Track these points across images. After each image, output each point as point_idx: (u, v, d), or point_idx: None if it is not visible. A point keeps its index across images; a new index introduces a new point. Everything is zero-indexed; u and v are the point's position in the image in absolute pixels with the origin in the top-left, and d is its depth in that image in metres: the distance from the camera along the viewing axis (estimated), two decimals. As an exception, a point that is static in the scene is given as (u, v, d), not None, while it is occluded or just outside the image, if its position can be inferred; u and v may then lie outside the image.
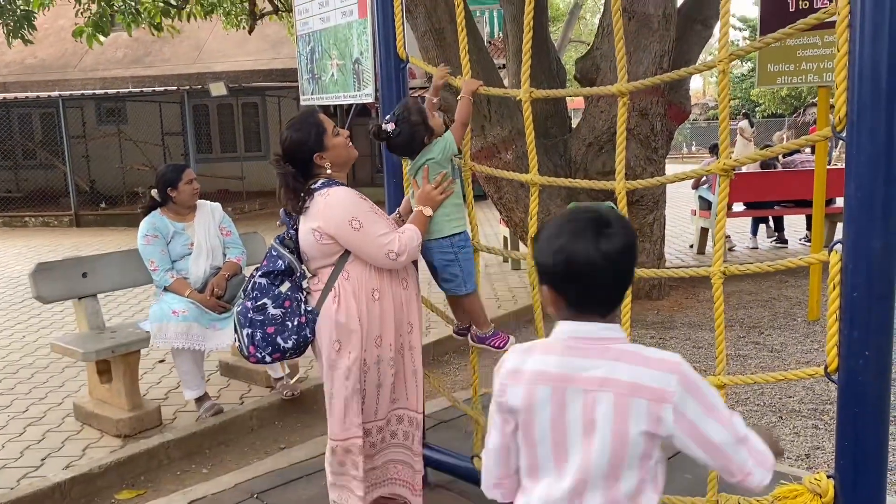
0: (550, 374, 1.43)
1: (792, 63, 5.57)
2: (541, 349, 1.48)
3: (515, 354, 1.51)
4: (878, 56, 1.75)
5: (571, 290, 1.44)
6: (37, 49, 16.31)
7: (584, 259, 1.39)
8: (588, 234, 1.40)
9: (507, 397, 1.47)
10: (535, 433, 1.45)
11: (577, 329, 1.45)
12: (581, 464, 1.41)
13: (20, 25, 8.00)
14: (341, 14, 4.07)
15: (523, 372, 1.46)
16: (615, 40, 2.45)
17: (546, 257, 1.44)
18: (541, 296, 1.54)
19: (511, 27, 7.38)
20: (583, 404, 1.40)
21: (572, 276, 1.41)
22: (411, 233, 2.61)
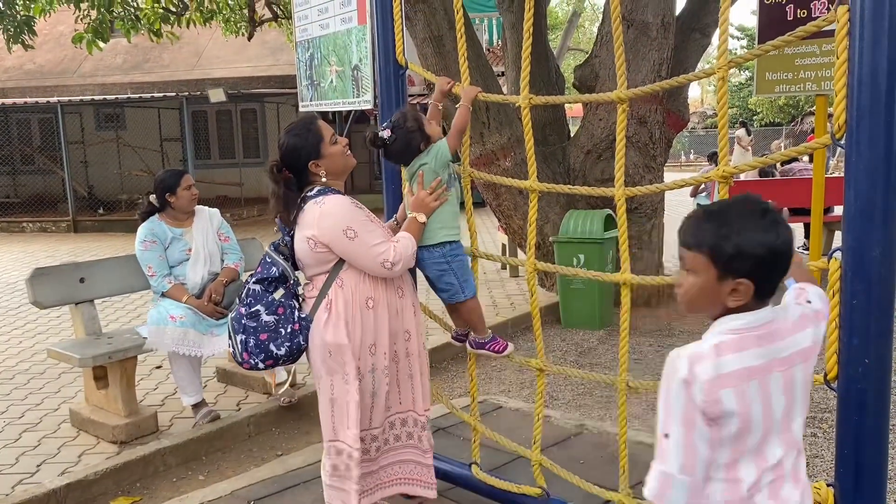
0: (754, 367, 1.46)
1: (790, 72, 5.58)
2: (730, 348, 1.46)
3: (704, 364, 1.44)
4: (878, 63, 1.76)
5: (775, 279, 1.48)
6: (36, 55, 16.31)
7: (789, 248, 1.47)
8: (783, 224, 1.46)
9: (723, 404, 1.43)
10: (751, 427, 1.46)
11: (759, 317, 1.49)
12: (786, 432, 1.51)
13: (20, 31, 8.00)
14: (340, 21, 4.08)
15: (727, 375, 1.44)
16: (615, 48, 2.45)
17: (757, 249, 1.44)
18: (717, 291, 1.49)
19: (510, 35, 7.39)
20: (784, 383, 1.49)
21: (780, 265, 1.47)
22: (405, 241, 2.61)
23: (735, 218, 1.46)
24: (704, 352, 1.46)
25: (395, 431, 2.81)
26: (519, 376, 4.99)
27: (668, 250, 9.00)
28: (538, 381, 2.84)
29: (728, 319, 1.50)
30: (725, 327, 1.49)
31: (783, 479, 1.51)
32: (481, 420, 3.15)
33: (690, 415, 1.44)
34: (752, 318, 1.48)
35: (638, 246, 6.60)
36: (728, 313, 1.50)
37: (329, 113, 11.50)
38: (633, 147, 6.41)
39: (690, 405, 1.43)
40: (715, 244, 1.46)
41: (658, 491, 1.46)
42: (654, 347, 5.47)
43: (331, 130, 2.66)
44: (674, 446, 1.44)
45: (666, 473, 1.45)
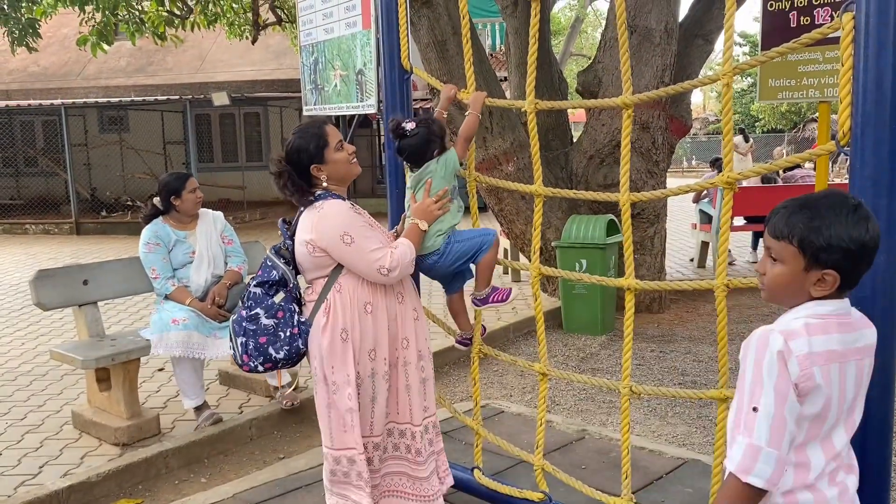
0: (837, 351, 1.52)
1: (793, 78, 5.58)
2: (818, 330, 1.51)
3: (799, 340, 1.48)
4: (883, 71, 1.76)
5: (860, 272, 1.53)
6: (40, 57, 16.36)
7: (877, 243, 1.52)
8: (872, 220, 1.51)
9: (816, 378, 1.48)
10: (830, 407, 1.51)
11: (842, 306, 1.56)
12: (852, 422, 1.58)
13: (25, 33, 8.02)
14: (345, 25, 4.09)
15: (817, 354, 1.49)
16: (620, 53, 2.46)
17: (846, 242, 1.49)
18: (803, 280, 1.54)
19: (513, 40, 7.41)
20: (856, 373, 1.55)
21: (867, 259, 1.51)
22: (404, 248, 2.60)
23: (827, 211, 1.50)
24: (797, 329, 1.50)
25: (392, 440, 2.79)
26: (521, 381, 4.99)
27: (670, 256, 9.01)
28: (541, 386, 2.84)
29: (813, 305, 1.54)
30: (811, 311, 1.54)
31: (841, 467, 1.57)
32: (483, 424, 3.15)
33: (784, 387, 1.46)
34: (838, 306, 1.55)
35: (640, 251, 6.61)
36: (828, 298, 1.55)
37: (333, 117, 11.52)
38: (635, 152, 6.41)
39: (785, 378, 1.46)
40: (805, 235, 1.51)
41: (745, 464, 1.46)
42: (655, 353, 5.47)
43: (338, 136, 2.66)
44: (763, 419, 1.46)
45: (754, 446, 1.45)
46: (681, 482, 3.30)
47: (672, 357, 5.35)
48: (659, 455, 3.57)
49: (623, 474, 2.59)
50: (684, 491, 3.20)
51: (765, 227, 1.61)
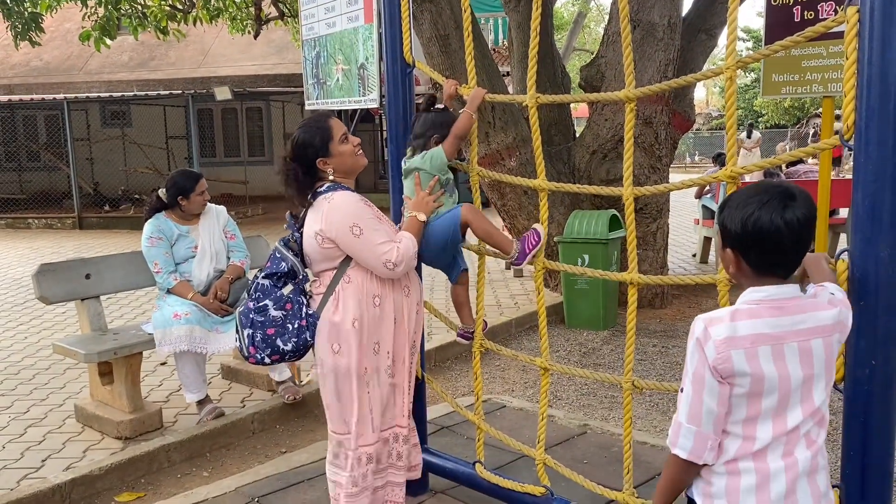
0: (768, 334, 1.59)
1: (797, 73, 5.56)
2: (745, 315, 1.61)
3: (719, 326, 1.60)
4: (887, 65, 1.75)
5: (764, 256, 1.61)
6: (42, 52, 16.36)
7: (769, 226, 1.57)
8: (775, 204, 1.58)
9: (733, 363, 1.58)
10: (763, 388, 1.60)
11: (778, 292, 1.62)
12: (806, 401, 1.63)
13: (28, 27, 8.01)
14: (347, 19, 4.08)
15: (739, 338, 1.58)
16: (623, 48, 2.45)
17: (735, 224, 1.61)
18: (721, 258, 1.72)
19: (516, 34, 7.39)
20: (800, 354, 1.60)
21: (756, 242, 1.60)
22: (407, 241, 2.61)
23: (742, 197, 1.63)
24: (721, 316, 1.62)
25: (397, 447, 2.80)
26: (523, 376, 4.99)
27: (673, 251, 8.99)
28: (542, 381, 2.84)
29: (750, 291, 1.65)
30: (747, 298, 1.64)
31: (797, 441, 1.64)
32: (485, 419, 3.15)
33: (700, 371, 1.61)
34: (773, 292, 1.63)
35: (643, 247, 6.60)
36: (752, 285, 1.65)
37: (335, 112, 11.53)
38: (638, 148, 6.40)
39: (702, 362, 1.60)
40: (720, 217, 1.67)
41: (672, 438, 1.67)
42: (657, 348, 5.46)
43: (343, 129, 2.67)
44: (685, 399, 1.64)
45: (678, 423, 1.65)
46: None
47: (674, 352, 5.34)
48: (661, 450, 3.57)
49: (625, 469, 2.59)
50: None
51: None
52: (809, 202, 1.61)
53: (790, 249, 1.61)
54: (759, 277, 1.65)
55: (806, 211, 1.59)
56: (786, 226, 1.57)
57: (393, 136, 3.14)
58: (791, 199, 1.59)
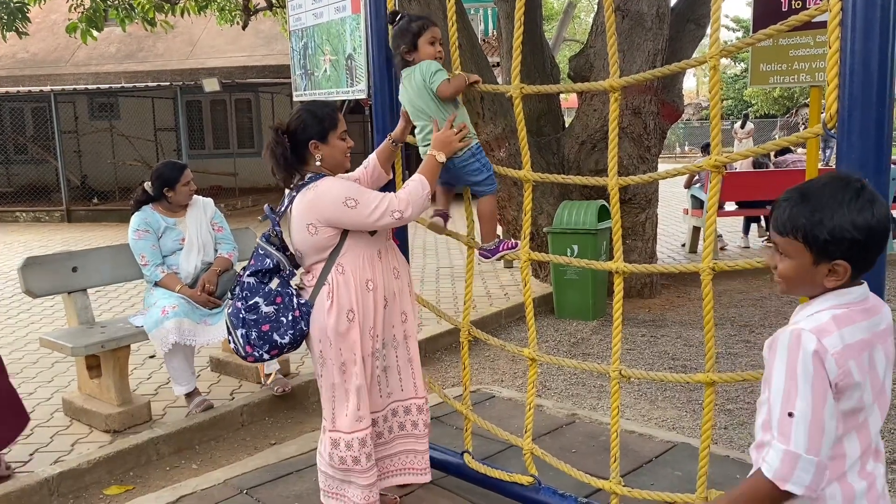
0: (865, 340, 1.48)
1: (784, 63, 5.58)
2: (846, 320, 1.47)
3: (832, 337, 1.43)
4: (869, 53, 1.76)
5: (872, 257, 1.48)
6: (29, 43, 16.23)
7: (885, 225, 1.46)
8: (878, 201, 1.46)
9: (854, 375, 1.44)
10: (865, 399, 1.48)
11: (862, 292, 1.52)
12: (884, 401, 1.53)
13: (13, 18, 7.94)
14: (334, 9, 4.06)
15: (850, 346, 1.44)
16: (608, 36, 2.45)
17: (849, 231, 1.44)
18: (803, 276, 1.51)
19: (505, 25, 7.37)
20: (885, 356, 1.51)
21: (877, 243, 1.47)
22: (415, 184, 2.59)
23: (829, 200, 1.46)
24: (826, 323, 1.45)
25: (398, 419, 2.83)
26: (512, 366, 5.01)
27: (662, 241, 9.02)
28: (530, 371, 2.85)
29: (835, 295, 1.51)
30: (835, 302, 1.50)
31: (870, 454, 1.53)
32: (474, 409, 3.16)
33: (822, 389, 1.41)
34: (860, 293, 1.52)
35: (632, 237, 6.61)
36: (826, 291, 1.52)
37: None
38: (627, 138, 6.41)
39: (822, 378, 1.41)
40: (809, 230, 1.46)
41: (783, 472, 1.41)
42: (646, 338, 5.49)
43: (344, 127, 2.67)
44: (801, 424, 1.41)
45: (792, 454, 1.40)
46: (670, 466, 3.32)
47: (663, 342, 5.37)
48: (648, 439, 3.59)
49: (612, 458, 2.60)
50: (673, 474, 3.22)
51: (770, 219, 1.57)
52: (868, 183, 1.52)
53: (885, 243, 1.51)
54: (850, 283, 1.52)
55: None
56: (884, 219, 1.47)
57: (380, 127, 3.13)
58: (862, 186, 1.48)
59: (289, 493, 3.19)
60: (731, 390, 4.30)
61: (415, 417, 2.85)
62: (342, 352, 2.59)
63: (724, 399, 4.19)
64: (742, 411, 4.05)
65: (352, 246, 2.60)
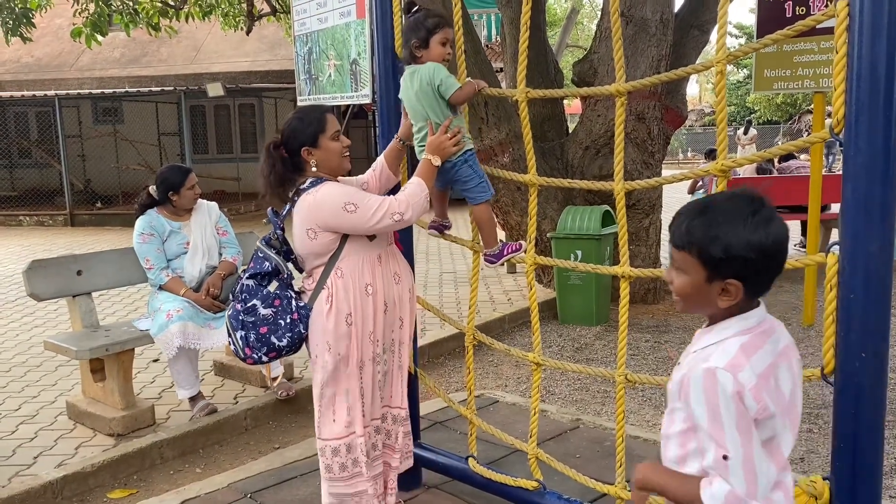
0: (771, 363, 1.45)
1: (788, 69, 5.59)
2: (753, 347, 1.43)
3: (744, 371, 1.39)
4: (877, 58, 1.76)
5: (766, 279, 1.45)
6: (33, 48, 16.27)
7: (780, 246, 1.42)
8: (775, 221, 1.41)
9: (770, 406, 1.41)
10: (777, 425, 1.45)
11: (762, 314, 1.49)
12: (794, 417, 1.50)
13: (19, 23, 7.98)
14: (339, 15, 4.08)
15: (761, 376, 1.41)
16: (613, 42, 2.45)
17: (743, 248, 1.39)
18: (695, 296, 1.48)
19: (509, 30, 7.38)
20: (788, 373, 1.49)
21: (772, 265, 1.43)
22: (414, 187, 2.58)
23: (724, 217, 1.42)
24: (736, 355, 1.41)
25: (386, 426, 2.82)
26: (516, 371, 5.00)
27: (666, 247, 9.01)
28: (534, 376, 2.84)
29: (737, 320, 1.47)
30: (739, 328, 1.47)
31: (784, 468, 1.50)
32: (478, 414, 3.15)
33: (747, 427, 1.37)
34: (759, 316, 1.48)
35: (636, 242, 6.61)
36: (726, 312, 1.48)
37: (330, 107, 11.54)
38: (631, 143, 6.41)
39: (746, 417, 1.37)
40: (703, 246, 1.42)
41: None
42: (650, 343, 5.48)
43: (336, 126, 2.66)
44: (737, 467, 1.36)
45: (737, 496, 1.36)
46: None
47: (666, 347, 5.36)
48: (654, 444, 3.58)
49: (617, 463, 2.59)
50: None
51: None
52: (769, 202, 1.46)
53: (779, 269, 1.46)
54: (747, 304, 1.48)
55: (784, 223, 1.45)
56: (780, 240, 1.42)
57: (384, 132, 3.13)
58: (762, 204, 1.42)
59: (293, 498, 3.19)
60: (736, 396, 4.29)
61: (391, 427, 2.83)
62: (340, 357, 2.58)
63: (729, 405, 4.17)
64: (746, 417, 4.03)
65: (351, 250, 2.60)
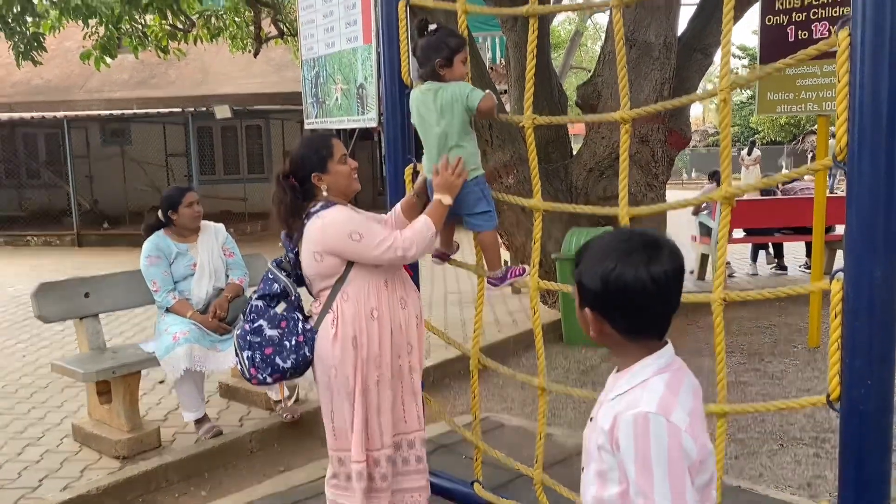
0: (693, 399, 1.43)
1: (791, 92, 5.62)
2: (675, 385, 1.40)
3: (676, 411, 1.35)
4: (879, 86, 1.78)
5: (620, 317, 1.41)
6: (43, 70, 16.42)
7: (634, 283, 1.36)
8: (638, 256, 1.37)
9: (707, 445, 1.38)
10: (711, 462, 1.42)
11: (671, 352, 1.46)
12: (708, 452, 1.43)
13: (30, 47, 8.08)
14: (346, 40, 4.12)
15: (692, 414, 1.38)
16: (618, 69, 2.48)
17: (593, 281, 1.39)
18: (579, 319, 1.49)
19: (513, 53, 7.45)
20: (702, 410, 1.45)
21: (621, 302, 1.38)
22: (420, 225, 2.61)
23: (597, 250, 1.43)
24: (666, 396, 1.37)
25: (402, 454, 2.81)
26: (521, 393, 4.99)
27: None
28: (540, 400, 2.85)
29: (653, 358, 1.44)
30: (656, 365, 1.43)
31: None
32: (483, 438, 3.15)
33: (681, 478, 1.32)
34: (670, 353, 1.46)
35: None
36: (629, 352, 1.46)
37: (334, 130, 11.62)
38: (635, 165, 6.43)
39: (682, 462, 1.32)
40: (577, 274, 1.46)
41: None
42: (656, 366, 5.46)
43: (343, 150, 2.71)
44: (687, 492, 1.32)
45: None
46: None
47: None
48: (659, 468, 3.56)
49: (623, 488, 2.58)
50: None
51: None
52: (676, 251, 1.41)
53: (660, 309, 1.41)
54: (631, 342, 1.44)
55: (674, 263, 1.39)
56: (652, 282, 1.35)
57: (391, 156, 3.17)
58: (656, 249, 1.38)
59: (298, 522, 3.18)
60: (742, 420, 4.27)
61: (418, 451, 2.83)
62: (346, 380, 2.59)
63: (735, 428, 4.16)
64: (753, 441, 4.02)
65: (357, 274, 2.62)
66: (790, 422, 4.25)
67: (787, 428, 4.18)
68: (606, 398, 1.49)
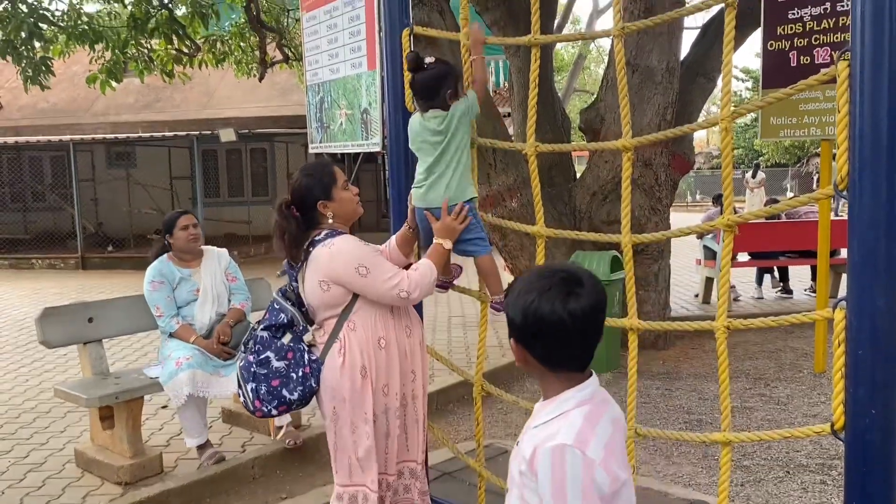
0: (612, 431, 1.46)
1: (794, 116, 5.64)
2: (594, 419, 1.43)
3: (591, 444, 1.38)
4: (878, 116, 1.79)
5: (539, 348, 1.46)
6: (49, 94, 16.55)
7: (551, 317, 1.41)
8: (557, 291, 1.42)
9: (620, 474, 1.41)
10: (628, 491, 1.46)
11: (596, 385, 1.51)
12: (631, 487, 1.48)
13: (38, 72, 8.17)
14: (350, 66, 4.16)
15: (609, 446, 1.42)
16: (619, 96, 2.50)
17: (515, 313, 1.46)
18: (511, 348, 1.53)
19: (517, 78, 7.50)
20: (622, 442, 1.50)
21: (539, 334, 1.44)
22: (425, 269, 2.63)
23: (525, 283, 1.48)
24: (583, 429, 1.40)
25: (403, 482, 2.79)
26: (525, 419, 4.95)
27: (675, 291, 8.99)
28: (544, 427, 2.83)
29: (575, 391, 1.48)
30: (578, 399, 1.47)
31: None
32: (487, 465, 3.13)
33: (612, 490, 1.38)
34: (594, 386, 1.50)
35: (644, 288, 6.60)
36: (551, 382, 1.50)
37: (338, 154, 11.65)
38: (638, 189, 6.45)
39: (594, 494, 1.36)
40: (505, 301, 1.53)
41: None
42: (661, 391, 5.44)
43: (344, 177, 2.72)
44: None
45: None
46: None
47: (678, 395, 5.31)
48: (665, 496, 3.54)
49: (627, 517, 2.56)
50: None
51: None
52: (597, 288, 1.45)
53: (577, 343, 1.45)
54: (553, 372, 1.49)
55: (592, 299, 1.43)
56: (569, 316, 1.40)
57: (394, 181, 3.18)
58: (577, 285, 1.43)
59: (300, 550, 3.15)
60: (747, 446, 4.24)
61: (420, 479, 2.82)
62: (354, 410, 2.57)
63: (741, 455, 4.13)
64: (759, 468, 3.99)
65: (364, 304, 2.61)
66: (796, 448, 4.22)
67: (793, 455, 4.14)
68: (530, 426, 1.54)
